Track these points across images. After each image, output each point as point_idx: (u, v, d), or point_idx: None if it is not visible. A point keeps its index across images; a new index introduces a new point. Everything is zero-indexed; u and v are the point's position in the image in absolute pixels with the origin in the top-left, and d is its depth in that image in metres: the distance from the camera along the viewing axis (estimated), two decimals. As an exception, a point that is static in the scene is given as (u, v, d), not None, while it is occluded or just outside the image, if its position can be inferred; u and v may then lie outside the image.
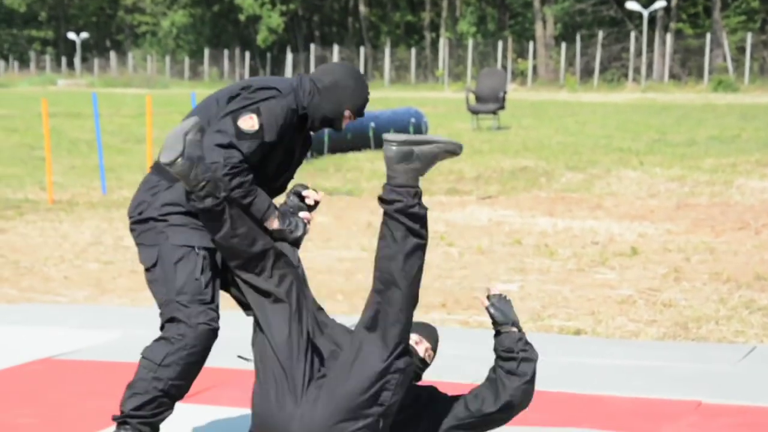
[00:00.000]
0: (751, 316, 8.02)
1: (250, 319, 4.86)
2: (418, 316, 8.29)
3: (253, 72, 69.01)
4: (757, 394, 6.02)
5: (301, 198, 5.06)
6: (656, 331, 7.65)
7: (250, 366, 6.50)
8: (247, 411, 5.66)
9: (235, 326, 7.61)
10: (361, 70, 64.68)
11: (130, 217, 4.91)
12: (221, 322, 4.86)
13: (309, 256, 10.65)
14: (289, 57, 66.52)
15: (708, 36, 55.11)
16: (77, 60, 74.41)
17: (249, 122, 4.76)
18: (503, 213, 13.40)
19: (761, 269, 9.72)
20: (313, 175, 17.39)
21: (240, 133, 4.74)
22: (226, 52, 69.29)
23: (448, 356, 6.94)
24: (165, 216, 4.80)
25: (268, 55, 69.18)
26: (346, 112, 4.95)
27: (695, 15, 62.60)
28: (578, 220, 12.85)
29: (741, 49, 54.75)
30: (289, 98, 4.87)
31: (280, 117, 4.83)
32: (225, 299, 4.97)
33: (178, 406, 5.78)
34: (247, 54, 68.82)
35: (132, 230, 4.92)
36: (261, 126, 4.77)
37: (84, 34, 75.19)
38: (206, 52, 69.74)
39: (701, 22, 61.05)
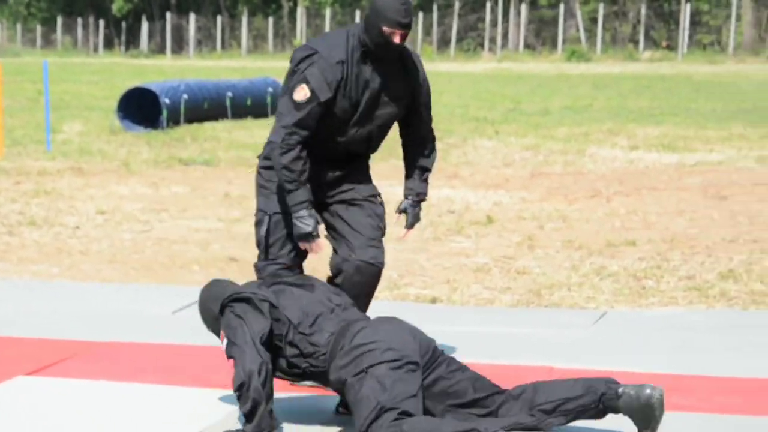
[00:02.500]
0: (601, 283, 8.18)
1: (103, 294, 4.80)
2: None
3: (108, 41, 67.97)
4: (608, 359, 6.14)
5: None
6: (510, 298, 7.76)
7: (100, 337, 6.42)
8: (97, 382, 5.59)
9: (81, 297, 7.51)
10: (218, 39, 64.11)
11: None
12: (66, 298, 4.78)
13: (164, 226, 10.55)
14: (145, 26, 65.64)
15: (561, 6, 55.85)
16: (-76, 28, 72.43)
17: (302, 93, 5.32)
18: (360, 182, 13.44)
19: (612, 236, 9.91)
20: (170, 145, 17.21)
21: (297, 105, 5.32)
22: (79, 20, 68.08)
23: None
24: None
25: (123, 24, 68.18)
26: (386, 29, 5.29)
27: (549, -14, 63.31)
28: (434, 189, 12.90)
29: (593, 20, 55.60)
30: (333, 53, 5.34)
31: (328, 74, 5.31)
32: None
33: (26, 379, 5.69)
34: (102, 22, 67.72)
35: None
36: (313, 91, 5.30)
37: (-69, 1, 73.19)
38: (59, 20, 68.42)
39: (555, -7, 61.81)
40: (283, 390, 5.24)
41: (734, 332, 6.72)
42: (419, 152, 5.72)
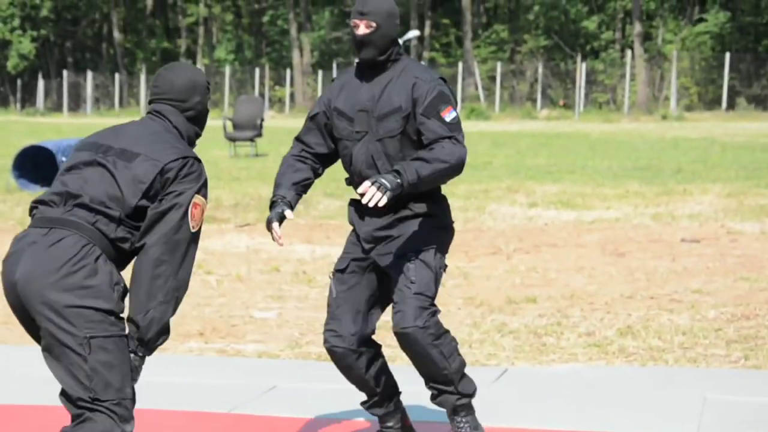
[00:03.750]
0: (502, 339, 8.21)
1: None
2: (175, 345, 8.22)
3: (3, 99, 67.22)
4: (508, 415, 6.16)
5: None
6: (412, 356, 7.74)
7: None
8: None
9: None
10: (116, 97, 63.73)
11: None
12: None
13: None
14: (41, 83, 65.06)
15: (460, 65, 56.48)
16: None
17: None
18: (261, 240, 13.38)
19: (512, 293, 9.97)
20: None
21: None
22: (-26, 77, 67.29)
23: (207, 386, 6.88)
24: None
25: (19, 81, 67.49)
26: (352, 23, 5.35)
27: (447, 45, 64.13)
28: (336, 246, 12.92)
29: (492, 78, 56.32)
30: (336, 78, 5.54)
31: (324, 93, 5.49)
32: None
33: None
34: (-3, 80, 66.96)
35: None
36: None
37: None
38: (-47, 77, 67.58)
39: (453, 52, 62.57)
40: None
41: (634, 388, 6.78)
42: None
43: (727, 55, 50.53)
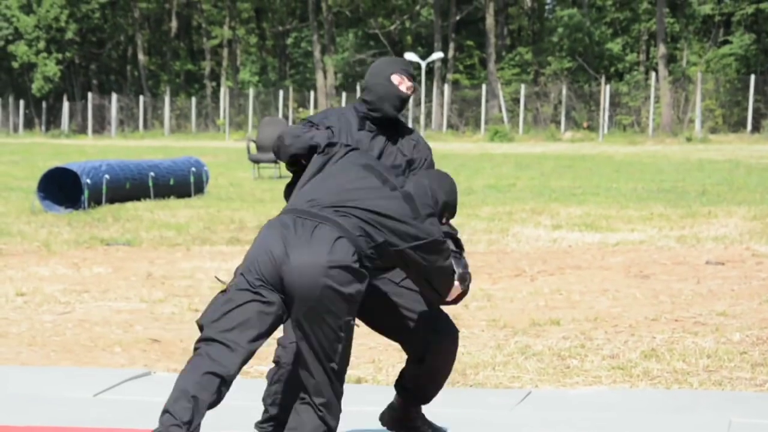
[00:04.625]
0: (526, 362, 8.18)
1: (23, 378, 4.68)
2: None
3: (28, 121, 67.58)
4: (533, 439, 6.13)
5: None
6: (435, 378, 7.70)
7: (20, 422, 6.29)
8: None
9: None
10: (141, 119, 64.00)
11: None
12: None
13: (85, 307, 10.42)
14: (66, 106, 65.40)
15: (484, 87, 56.51)
16: None
17: None
18: (284, 262, 13.38)
19: (536, 315, 9.93)
20: (91, 225, 17.07)
21: None
22: (-1, 100, 67.64)
23: (231, 408, 6.86)
24: None
25: (44, 104, 67.85)
26: (395, 77, 5.49)
27: (471, 66, 64.22)
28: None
29: (515, 100, 56.35)
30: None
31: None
32: None
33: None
34: (22, 102, 67.36)
35: None
36: None
37: None
38: (-21, 100, 67.96)
39: (477, 74, 62.66)
40: None
41: (658, 411, 6.74)
42: None
43: (752, 78, 50.41)
